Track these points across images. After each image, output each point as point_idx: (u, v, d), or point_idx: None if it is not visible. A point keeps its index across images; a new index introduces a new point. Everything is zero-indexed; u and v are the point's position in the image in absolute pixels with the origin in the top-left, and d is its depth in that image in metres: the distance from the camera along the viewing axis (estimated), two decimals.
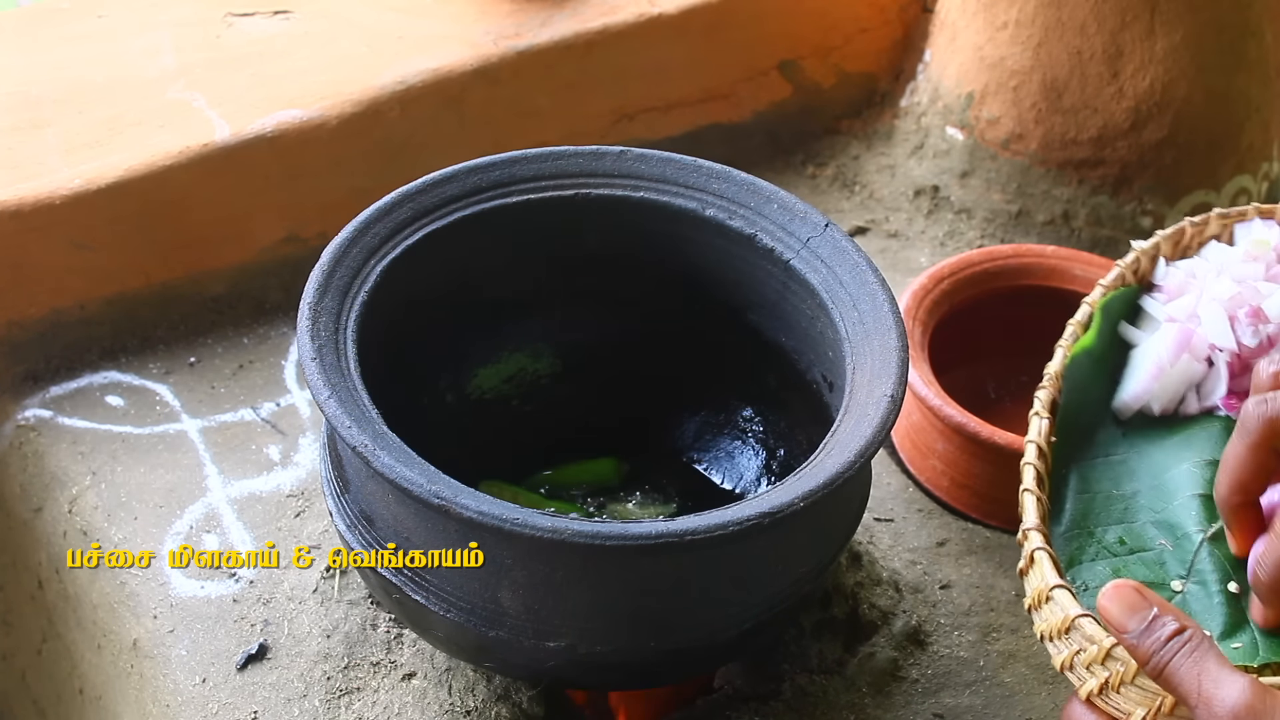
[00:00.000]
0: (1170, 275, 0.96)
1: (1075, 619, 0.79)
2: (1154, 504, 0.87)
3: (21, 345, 1.24)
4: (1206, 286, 0.93)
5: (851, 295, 0.97)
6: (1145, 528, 0.87)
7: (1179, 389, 0.91)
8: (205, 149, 1.26)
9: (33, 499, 1.20)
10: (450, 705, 1.00)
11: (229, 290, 1.31)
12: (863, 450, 0.86)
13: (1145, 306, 0.96)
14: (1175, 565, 0.85)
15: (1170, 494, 0.87)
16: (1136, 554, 0.86)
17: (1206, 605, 0.82)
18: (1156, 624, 0.74)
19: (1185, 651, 0.73)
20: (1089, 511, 0.88)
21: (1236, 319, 0.91)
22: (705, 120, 1.50)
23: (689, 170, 1.03)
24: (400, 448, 0.84)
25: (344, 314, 0.92)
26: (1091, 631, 0.78)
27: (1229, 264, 0.95)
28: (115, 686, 1.12)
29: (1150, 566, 0.85)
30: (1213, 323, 0.91)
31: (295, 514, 1.14)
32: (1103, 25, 1.37)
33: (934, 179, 1.48)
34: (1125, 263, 0.97)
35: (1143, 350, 0.93)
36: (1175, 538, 0.85)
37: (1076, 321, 0.94)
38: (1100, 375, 0.93)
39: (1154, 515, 0.87)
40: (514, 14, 1.42)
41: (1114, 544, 0.86)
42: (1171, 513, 0.87)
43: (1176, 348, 0.91)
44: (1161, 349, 0.91)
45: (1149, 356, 0.92)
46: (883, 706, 1.03)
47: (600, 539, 0.80)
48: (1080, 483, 0.89)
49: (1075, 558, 0.86)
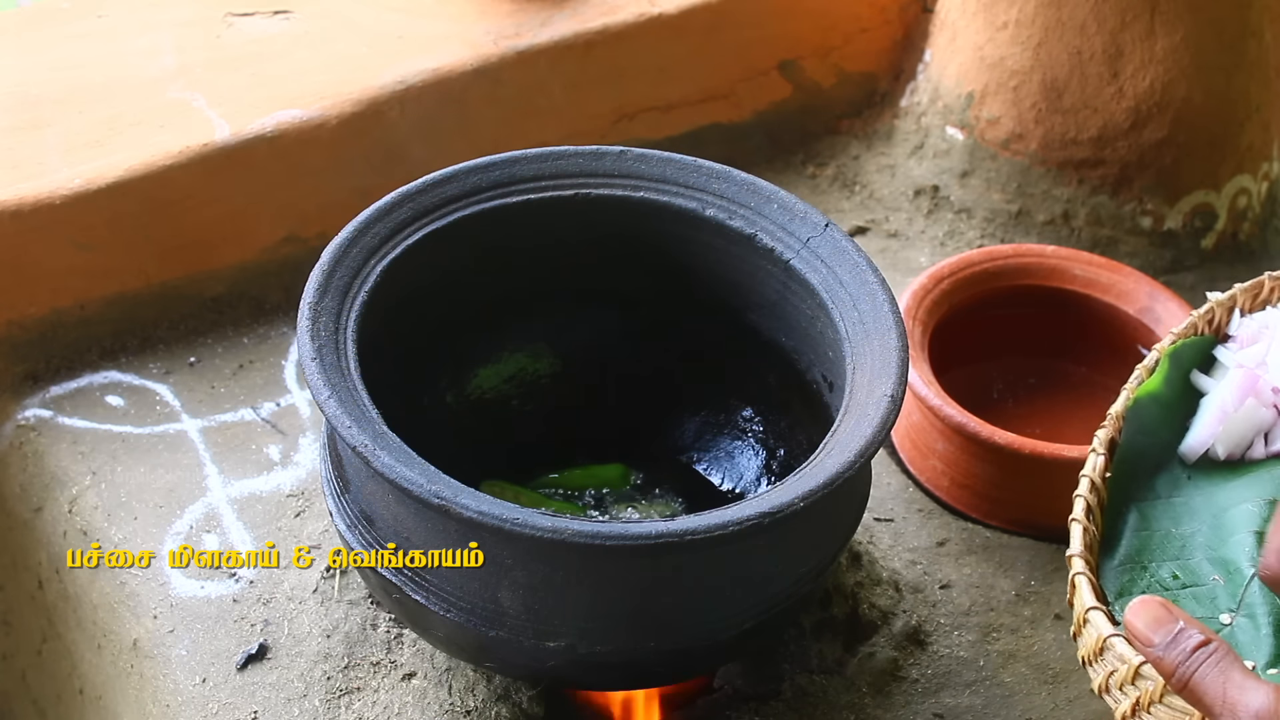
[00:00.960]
0: (1245, 326, 0.96)
1: (1107, 639, 0.79)
2: (1211, 542, 0.88)
3: (21, 345, 1.24)
4: (1278, 335, 0.94)
5: (851, 295, 0.97)
6: (1200, 564, 0.87)
7: (1245, 434, 0.92)
8: (205, 149, 1.26)
9: (33, 499, 1.20)
10: (450, 705, 1.00)
11: (229, 290, 1.31)
12: (863, 450, 0.86)
13: (1218, 355, 0.96)
14: (1226, 599, 0.85)
15: (1228, 531, 0.87)
16: (1189, 589, 0.86)
17: (1254, 637, 0.82)
18: (1181, 636, 0.74)
19: (1211, 662, 0.73)
20: (1145, 548, 0.88)
21: None
22: (705, 120, 1.50)
23: (689, 170, 1.03)
24: (400, 448, 0.84)
25: (344, 314, 0.92)
26: (1122, 650, 0.78)
27: None
28: (115, 686, 1.12)
29: (1201, 601, 0.85)
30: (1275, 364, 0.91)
31: (295, 514, 1.14)
32: (1103, 25, 1.37)
33: (934, 179, 1.48)
34: (1199, 313, 0.97)
35: (1210, 398, 0.93)
36: (1228, 572, 0.86)
37: (1144, 366, 0.94)
38: (1168, 420, 0.93)
39: (1210, 552, 0.87)
40: (514, 14, 1.42)
41: (1167, 579, 0.86)
42: (1227, 549, 0.87)
43: (1241, 392, 0.91)
44: (1226, 393, 0.91)
45: (1215, 401, 0.92)
46: (883, 706, 1.03)
47: (600, 539, 0.80)
48: (1140, 520, 0.89)
49: (1126, 589, 0.86)
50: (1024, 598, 1.12)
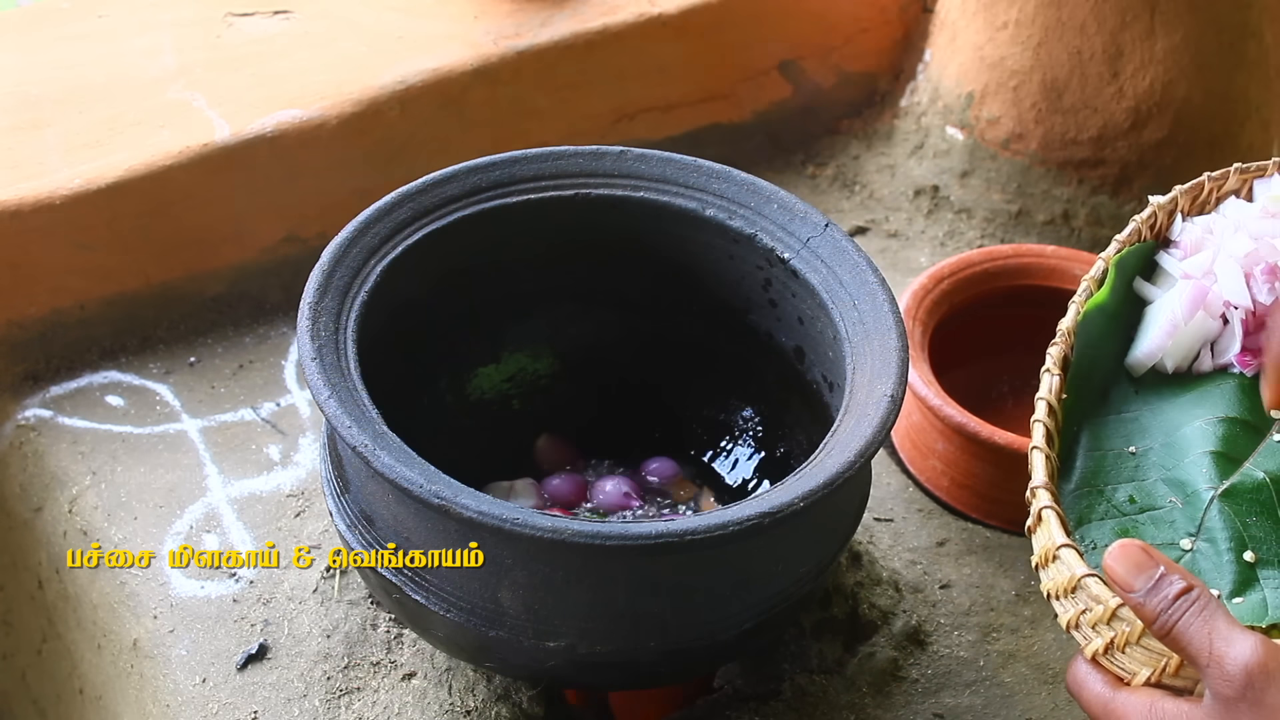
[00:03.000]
0: (1187, 231, 0.94)
1: (1081, 578, 0.78)
2: (1165, 461, 0.86)
3: (21, 345, 1.24)
4: (1223, 243, 0.92)
5: (851, 295, 0.97)
6: (1156, 485, 0.86)
7: (1193, 346, 0.90)
8: (205, 149, 1.26)
9: (33, 499, 1.20)
10: (450, 705, 1.00)
11: (229, 290, 1.31)
12: (863, 450, 0.86)
13: (1161, 263, 0.94)
14: (1185, 523, 0.83)
15: (1182, 451, 0.86)
16: (1146, 512, 0.84)
17: (1216, 564, 0.81)
18: (1163, 583, 0.73)
19: (1194, 610, 0.72)
20: (1099, 470, 0.87)
21: (1252, 276, 0.90)
22: (705, 120, 1.50)
23: (689, 170, 1.03)
24: (400, 448, 0.84)
25: (344, 314, 0.92)
26: (1097, 591, 0.78)
27: (1246, 220, 0.93)
28: (115, 686, 1.12)
29: (1160, 525, 0.84)
30: (1228, 280, 0.90)
31: (295, 514, 1.14)
32: (1103, 25, 1.37)
33: (934, 179, 1.48)
34: (1141, 218, 0.95)
35: (1157, 307, 0.92)
36: (1185, 495, 0.84)
37: (1091, 278, 0.92)
38: (1114, 332, 0.92)
39: (1165, 473, 0.86)
40: (514, 14, 1.42)
41: (1124, 503, 0.85)
42: (1182, 470, 0.86)
43: (1191, 304, 0.89)
44: (1176, 306, 0.90)
45: (1164, 313, 0.91)
46: (883, 706, 1.03)
47: (600, 539, 0.80)
48: (1091, 440, 0.88)
49: (1084, 516, 0.85)
50: (1024, 598, 1.11)
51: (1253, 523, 0.82)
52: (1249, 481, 0.84)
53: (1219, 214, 0.96)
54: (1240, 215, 0.94)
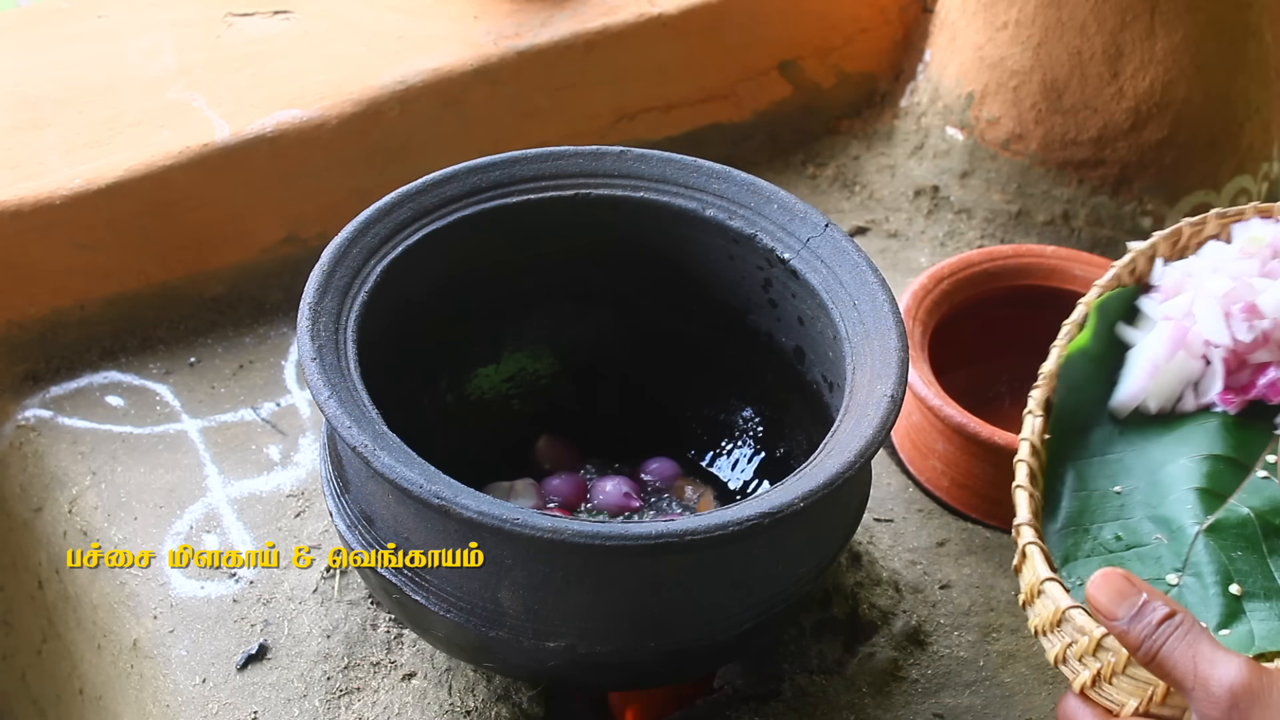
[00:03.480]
0: (1167, 275, 0.96)
1: (1066, 611, 0.80)
2: (1150, 499, 0.88)
3: (21, 345, 1.24)
4: (1201, 283, 0.93)
5: (851, 295, 0.97)
6: (1141, 523, 0.87)
7: (1175, 387, 0.92)
8: (205, 149, 1.26)
9: (33, 499, 1.20)
10: (450, 705, 1.00)
11: (229, 290, 1.31)
12: (863, 450, 0.86)
13: (1142, 307, 0.96)
14: (1171, 559, 0.85)
15: (1166, 489, 0.87)
16: (1133, 549, 0.86)
17: (1202, 597, 0.82)
18: (1146, 609, 0.73)
19: (1178, 635, 0.72)
20: (1085, 509, 0.88)
21: (1231, 315, 0.91)
22: (705, 120, 1.50)
23: (689, 170, 1.03)
24: (400, 448, 0.84)
25: (344, 314, 0.92)
26: (1082, 623, 0.79)
27: (1224, 261, 0.95)
28: (115, 686, 1.12)
29: (1146, 562, 0.85)
30: (1207, 319, 0.91)
31: (295, 514, 1.14)
32: (1103, 25, 1.37)
33: (934, 179, 1.48)
34: (1122, 264, 0.98)
35: (1139, 349, 0.93)
36: (1170, 531, 0.86)
37: (1072, 322, 0.95)
38: (1097, 375, 0.93)
39: (1150, 510, 0.87)
40: (514, 14, 1.42)
41: (1110, 540, 0.86)
42: (1167, 507, 0.87)
43: (1172, 345, 0.91)
44: (1157, 346, 0.91)
45: (1145, 355, 0.92)
46: (883, 706, 1.03)
47: (600, 539, 0.80)
48: (1077, 481, 0.89)
49: (1070, 554, 0.86)
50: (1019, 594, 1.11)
51: (1238, 557, 0.83)
52: (1234, 517, 0.85)
53: (1198, 258, 0.97)
54: (1218, 257, 0.96)
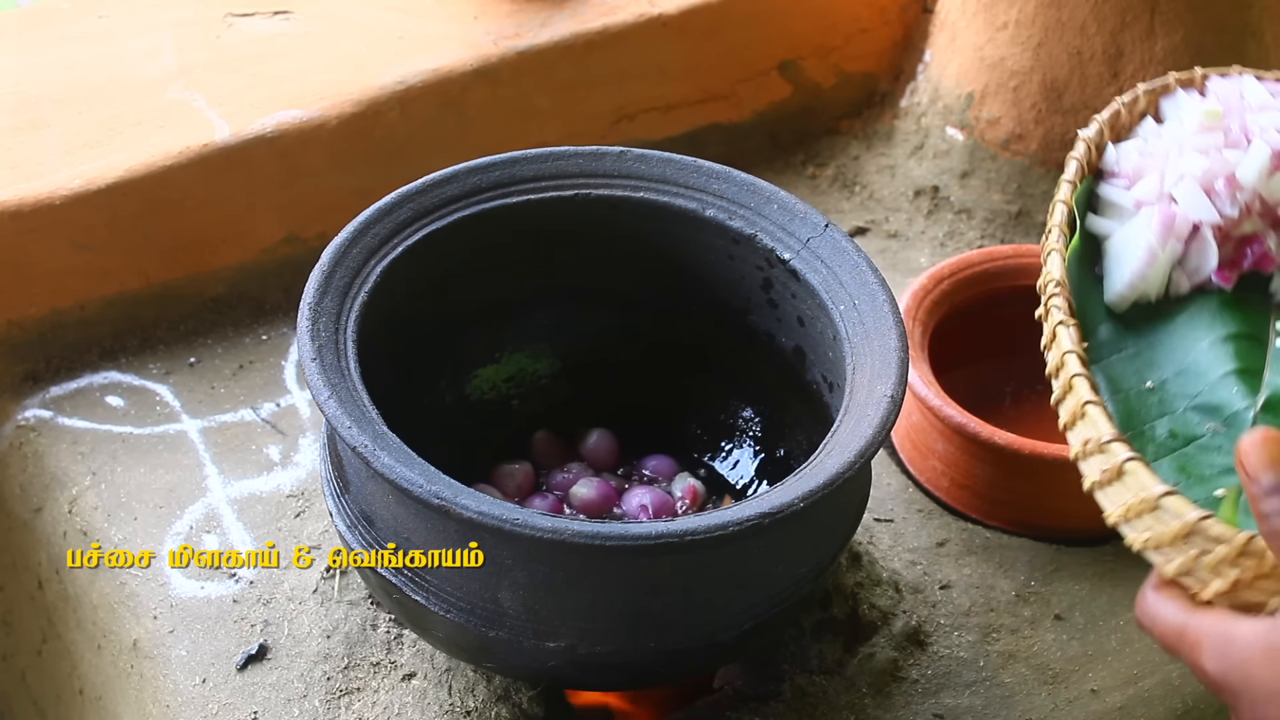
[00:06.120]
0: (1124, 160, 0.93)
1: (1160, 498, 0.75)
2: (1186, 389, 0.85)
3: (21, 345, 1.24)
4: (1169, 165, 0.91)
5: (851, 295, 0.97)
6: (1187, 415, 0.84)
7: (1168, 271, 0.89)
8: (205, 149, 1.26)
9: (33, 499, 1.20)
10: (450, 705, 1.00)
11: (229, 290, 1.31)
12: (863, 450, 0.86)
13: (1106, 196, 0.93)
14: (1233, 446, 0.79)
15: (1199, 376, 0.85)
16: (1191, 444, 0.83)
17: None
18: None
19: None
20: (1130, 412, 0.84)
21: (1214, 191, 0.89)
22: (705, 120, 1.50)
23: (689, 170, 1.03)
24: (400, 448, 0.84)
25: (344, 314, 0.92)
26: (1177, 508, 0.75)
27: (1186, 139, 0.92)
28: (115, 686, 1.12)
29: (1210, 452, 0.82)
30: (1191, 199, 0.89)
31: (295, 514, 1.14)
32: (1103, 25, 1.37)
33: (934, 179, 1.48)
34: (1079, 155, 0.93)
35: (1123, 240, 0.90)
36: (1223, 418, 0.83)
37: (1059, 224, 0.90)
38: (1087, 273, 0.90)
39: (1190, 400, 0.84)
40: (514, 14, 1.42)
41: (1166, 439, 0.83)
42: (1210, 394, 0.84)
43: (1163, 230, 0.88)
44: (1149, 234, 0.88)
45: (1136, 244, 0.89)
46: (883, 707, 1.03)
47: (600, 539, 0.80)
48: (1109, 385, 0.85)
49: None
50: (1024, 598, 1.12)
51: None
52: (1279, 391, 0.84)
53: (1146, 137, 0.94)
54: (1179, 134, 0.92)
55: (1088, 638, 1.09)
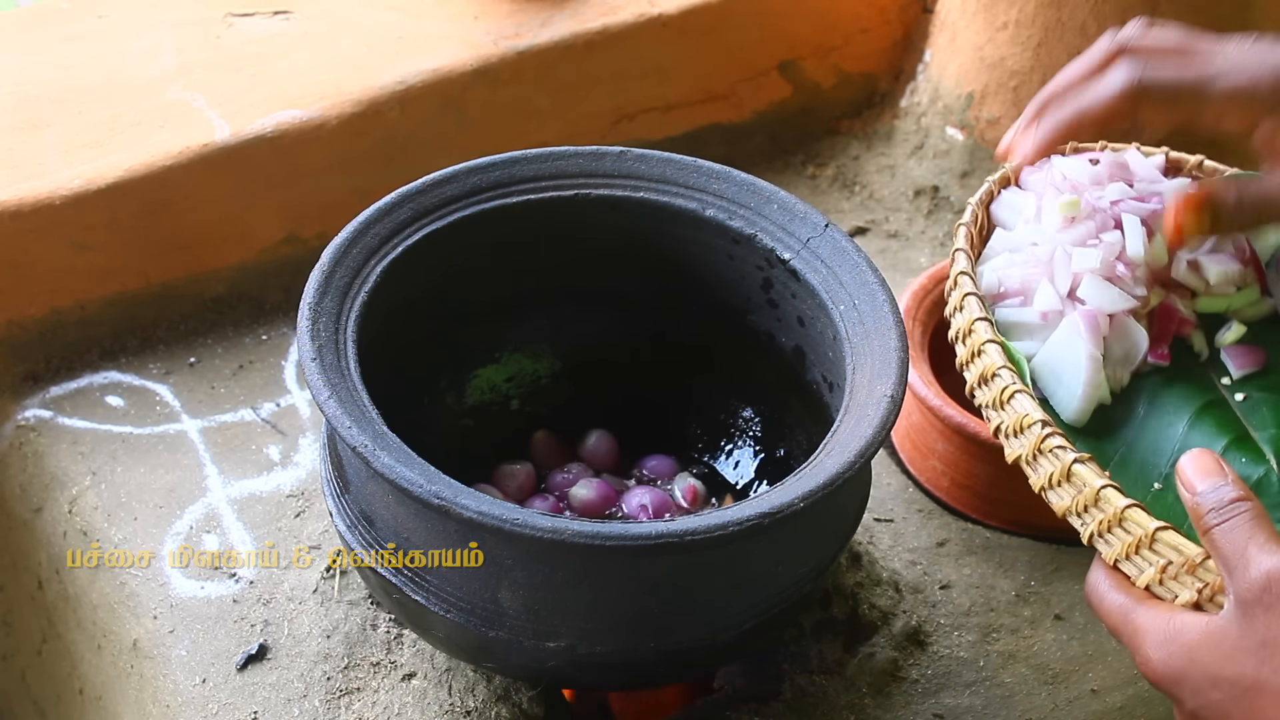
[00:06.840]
0: (1005, 278, 0.90)
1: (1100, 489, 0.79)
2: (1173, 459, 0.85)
3: (21, 345, 1.24)
4: (1058, 268, 0.88)
5: (851, 295, 0.97)
6: None
7: (1110, 370, 0.88)
8: (205, 149, 1.26)
9: (33, 499, 1.20)
10: (450, 705, 1.00)
11: (229, 290, 1.31)
12: (863, 450, 0.86)
13: (1009, 319, 0.90)
14: None
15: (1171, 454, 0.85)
16: None
17: None
18: (1224, 489, 0.74)
19: (1242, 518, 0.73)
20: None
21: (1117, 278, 0.88)
22: (705, 120, 1.50)
23: (689, 170, 1.03)
24: (400, 448, 0.84)
25: (344, 314, 0.92)
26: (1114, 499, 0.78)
27: (1062, 241, 0.89)
28: (115, 686, 1.12)
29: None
30: (1102, 293, 0.87)
31: (295, 514, 1.14)
32: (1103, 25, 1.37)
33: (934, 179, 1.48)
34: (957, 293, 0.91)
35: (1052, 356, 0.87)
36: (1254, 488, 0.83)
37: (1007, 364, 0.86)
38: None
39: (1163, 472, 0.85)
40: (514, 14, 1.42)
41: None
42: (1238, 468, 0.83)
43: (1093, 332, 0.86)
44: (1082, 342, 0.86)
45: (1073, 356, 0.86)
46: (883, 707, 1.03)
47: (600, 539, 0.80)
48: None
49: None
50: (1024, 598, 1.12)
51: None
52: None
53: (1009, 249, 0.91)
54: (1051, 242, 0.90)
55: (1088, 638, 1.09)
